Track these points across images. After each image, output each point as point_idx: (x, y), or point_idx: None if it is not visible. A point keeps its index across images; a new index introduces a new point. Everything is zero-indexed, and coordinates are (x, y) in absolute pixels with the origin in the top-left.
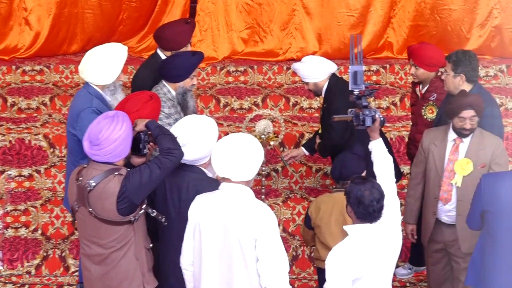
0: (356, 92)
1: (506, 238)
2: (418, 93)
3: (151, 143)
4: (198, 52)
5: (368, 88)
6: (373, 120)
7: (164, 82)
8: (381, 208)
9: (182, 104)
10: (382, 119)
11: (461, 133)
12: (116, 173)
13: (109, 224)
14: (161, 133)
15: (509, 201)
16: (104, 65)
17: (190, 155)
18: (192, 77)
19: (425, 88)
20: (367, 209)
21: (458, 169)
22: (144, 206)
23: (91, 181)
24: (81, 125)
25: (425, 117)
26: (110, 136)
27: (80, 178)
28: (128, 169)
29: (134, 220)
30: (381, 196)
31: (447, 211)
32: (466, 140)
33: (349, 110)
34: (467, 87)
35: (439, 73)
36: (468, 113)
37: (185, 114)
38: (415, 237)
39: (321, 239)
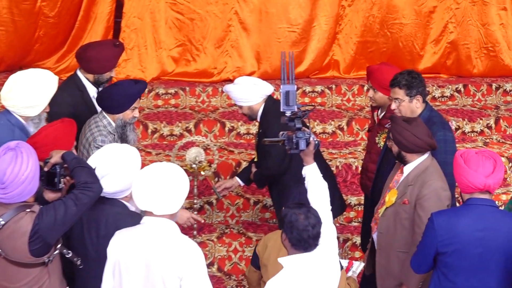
0: (288, 113)
1: (469, 281)
2: (376, 118)
3: (67, 177)
4: (141, 81)
5: (300, 109)
6: (307, 144)
7: (104, 113)
8: (317, 235)
9: (122, 138)
10: (316, 142)
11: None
12: (28, 210)
13: (20, 266)
14: (78, 165)
15: (469, 239)
16: (33, 96)
17: (110, 187)
18: (133, 108)
19: (382, 114)
20: (301, 235)
21: (387, 198)
22: (59, 246)
23: (0, 219)
24: None
25: (378, 145)
26: (16, 179)
27: None
28: (41, 206)
29: (48, 262)
30: (318, 222)
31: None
32: (407, 168)
33: (281, 133)
34: (421, 108)
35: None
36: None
37: None
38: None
39: (266, 281)
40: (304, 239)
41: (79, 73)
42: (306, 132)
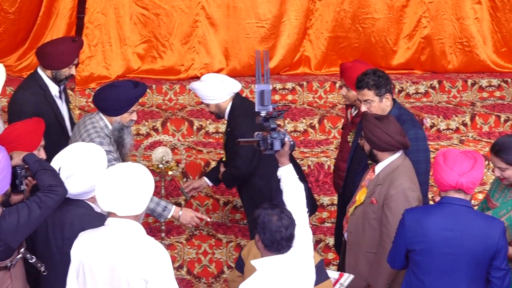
0: (263, 113)
1: (437, 281)
2: (349, 116)
3: (29, 178)
4: (140, 84)
5: (276, 109)
6: (283, 144)
7: (101, 115)
8: (290, 236)
9: (118, 142)
10: (292, 142)
11: None
12: None
13: None
14: (41, 168)
15: (437, 238)
16: None
17: (75, 188)
18: (132, 111)
19: (356, 112)
20: (274, 236)
21: (357, 197)
22: (22, 250)
23: None
24: None
25: (350, 144)
26: None
27: None
28: (4, 208)
29: (11, 266)
30: (291, 223)
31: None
32: (378, 167)
33: (256, 133)
34: (391, 106)
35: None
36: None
37: (120, 153)
38: None
39: None
40: (277, 241)
41: (39, 71)
42: (281, 132)
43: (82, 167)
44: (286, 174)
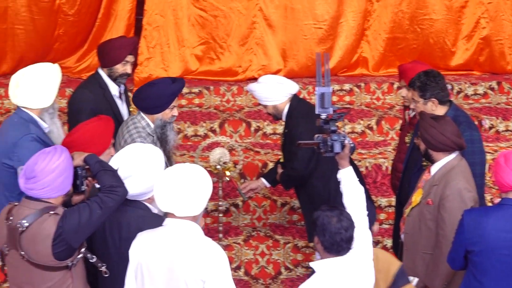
0: (323, 116)
1: (496, 283)
2: (407, 117)
3: (90, 178)
4: (179, 79)
5: (336, 111)
6: (343, 146)
7: (142, 114)
8: (350, 238)
9: (161, 139)
10: (352, 145)
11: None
12: (52, 212)
13: (43, 269)
14: (101, 168)
15: (496, 240)
16: (41, 86)
17: (132, 189)
18: (172, 107)
19: (414, 113)
20: (334, 238)
21: (413, 198)
22: (83, 249)
23: (24, 221)
24: (20, 155)
25: (407, 145)
26: (47, 167)
27: (11, 218)
28: (65, 208)
29: (72, 265)
30: (351, 225)
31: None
32: (434, 168)
33: (316, 135)
34: (441, 110)
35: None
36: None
37: (164, 150)
38: None
39: None
40: (337, 242)
41: (99, 71)
42: (342, 134)
43: (140, 168)
44: (346, 177)
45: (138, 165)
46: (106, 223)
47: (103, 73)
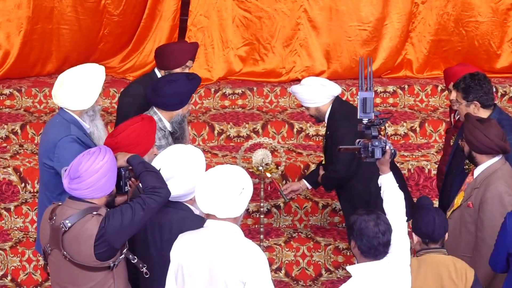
0: (365, 121)
1: None
2: (452, 120)
3: (133, 179)
4: (194, 75)
5: (378, 116)
6: (383, 152)
7: (155, 109)
8: (387, 242)
9: (179, 133)
10: (393, 151)
11: None
12: (95, 212)
13: (85, 269)
14: (145, 169)
15: None
16: (81, 88)
17: (174, 191)
18: (189, 102)
19: (459, 116)
20: (371, 242)
21: (455, 200)
22: (124, 250)
23: (67, 221)
24: (59, 156)
25: None
26: (91, 167)
27: (54, 218)
28: (108, 209)
29: (114, 266)
30: (388, 229)
31: None
32: (477, 171)
33: (357, 140)
34: (484, 113)
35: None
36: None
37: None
38: None
39: None
40: (374, 247)
41: (156, 71)
42: (382, 140)
43: (181, 169)
44: (387, 183)
45: (180, 167)
46: (147, 224)
47: (158, 73)
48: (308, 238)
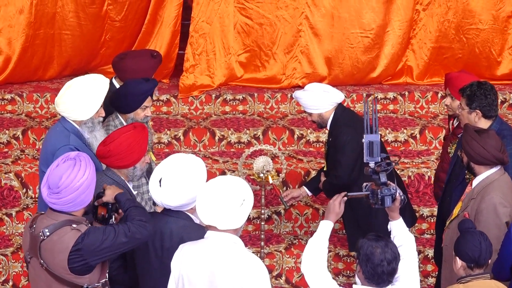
0: (371, 164)
1: None
2: (451, 127)
3: (120, 211)
4: (151, 80)
5: (385, 159)
6: (393, 199)
7: (117, 113)
8: (392, 271)
9: None
10: (402, 198)
11: None
12: (74, 225)
13: (60, 282)
14: (132, 205)
15: None
16: (81, 99)
17: (175, 201)
18: (144, 107)
19: (457, 123)
20: (375, 269)
21: (454, 210)
22: (103, 281)
23: (46, 230)
24: None
25: (450, 155)
26: (71, 184)
27: (34, 226)
28: (90, 226)
29: None
30: (394, 258)
31: None
32: (475, 181)
33: (364, 184)
34: (484, 123)
35: None
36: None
37: None
38: None
39: None
40: (378, 274)
41: (114, 81)
42: (392, 187)
43: (183, 179)
44: (397, 229)
45: (181, 176)
46: None
47: (117, 84)
48: None
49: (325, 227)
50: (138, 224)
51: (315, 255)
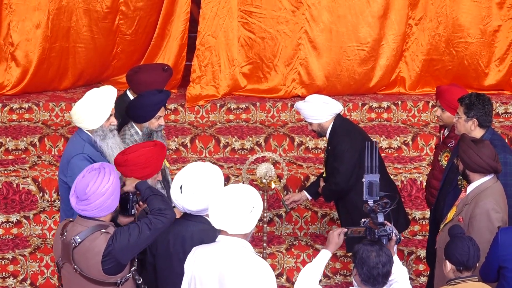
0: (370, 202)
1: None
2: (441, 136)
3: (140, 202)
4: (164, 91)
5: (382, 198)
6: (389, 239)
7: (132, 123)
8: (386, 273)
9: None
10: (397, 237)
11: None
12: (104, 230)
13: (94, 283)
14: (152, 194)
15: None
16: (89, 110)
17: (195, 206)
18: (158, 117)
19: (447, 133)
20: (371, 271)
21: (448, 215)
22: (133, 268)
23: (77, 237)
24: (71, 172)
25: (440, 163)
26: (98, 190)
27: (65, 233)
28: (116, 227)
29: (120, 283)
30: (388, 261)
31: None
32: (469, 188)
33: (362, 220)
34: (479, 132)
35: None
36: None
37: None
38: None
39: None
40: (373, 276)
41: (128, 93)
42: (388, 227)
43: (202, 186)
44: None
45: (200, 183)
46: (170, 238)
47: (131, 96)
48: (308, 246)
49: (324, 256)
50: (158, 214)
51: (309, 277)
